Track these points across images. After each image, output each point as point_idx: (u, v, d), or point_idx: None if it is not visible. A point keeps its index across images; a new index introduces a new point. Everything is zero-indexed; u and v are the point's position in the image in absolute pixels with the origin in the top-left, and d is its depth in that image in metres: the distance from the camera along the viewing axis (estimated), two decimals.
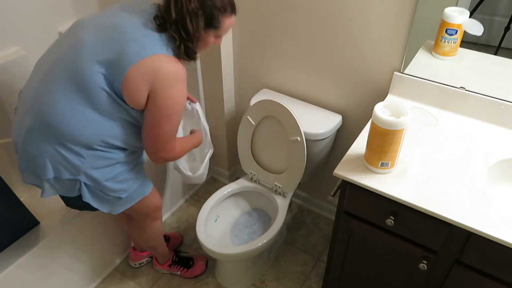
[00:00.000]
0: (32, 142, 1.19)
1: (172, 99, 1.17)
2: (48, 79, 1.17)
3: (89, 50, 1.13)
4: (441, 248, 1.15)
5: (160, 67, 1.12)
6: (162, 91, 1.14)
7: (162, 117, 1.19)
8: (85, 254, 1.72)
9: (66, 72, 1.15)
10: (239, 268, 1.80)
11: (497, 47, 1.34)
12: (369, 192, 1.16)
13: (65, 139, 1.17)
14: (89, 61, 1.12)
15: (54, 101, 1.15)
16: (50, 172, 1.20)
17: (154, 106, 1.16)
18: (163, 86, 1.14)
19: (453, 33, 1.33)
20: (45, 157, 1.18)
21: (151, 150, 1.27)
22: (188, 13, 1.12)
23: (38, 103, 1.18)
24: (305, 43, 1.63)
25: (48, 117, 1.16)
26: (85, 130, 1.17)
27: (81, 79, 1.13)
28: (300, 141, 1.58)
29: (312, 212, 2.19)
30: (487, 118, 1.36)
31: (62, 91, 1.15)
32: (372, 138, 1.13)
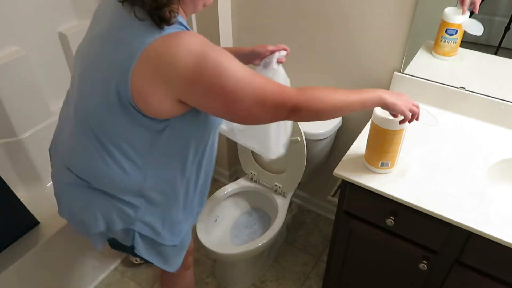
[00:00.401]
0: (79, 197, 1.05)
1: (219, 72, 0.84)
2: (75, 134, 1.01)
3: (88, 89, 0.94)
4: (441, 248, 1.15)
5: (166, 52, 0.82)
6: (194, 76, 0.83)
7: (225, 92, 0.85)
8: (85, 254, 1.72)
9: (86, 125, 0.97)
10: (239, 268, 1.80)
11: (497, 47, 1.34)
12: (369, 192, 1.16)
13: (114, 191, 1.02)
14: (94, 105, 0.93)
15: (90, 159, 0.99)
16: (101, 225, 1.05)
17: (205, 95, 0.86)
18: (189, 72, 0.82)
19: (453, 33, 1.33)
20: (95, 211, 1.04)
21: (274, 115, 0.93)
22: None
23: (76, 161, 1.03)
24: (305, 43, 1.63)
25: (90, 174, 1.01)
26: (131, 181, 0.99)
27: (102, 125, 0.94)
28: (300, 141, 1.58)
29: (312, 212, 2.19)
30: (487, 118, 1.36)
31: (87, 140, 0.97)
32: (372, 138, 1.13)
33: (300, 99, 0.92)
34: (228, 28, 1.78)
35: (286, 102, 0.91)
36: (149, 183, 1.02)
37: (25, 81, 1.72)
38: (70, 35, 1.89)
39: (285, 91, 0.92)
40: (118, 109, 0.89)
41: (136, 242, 1.09)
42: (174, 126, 0.95)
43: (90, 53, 0.94)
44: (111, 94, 0.88)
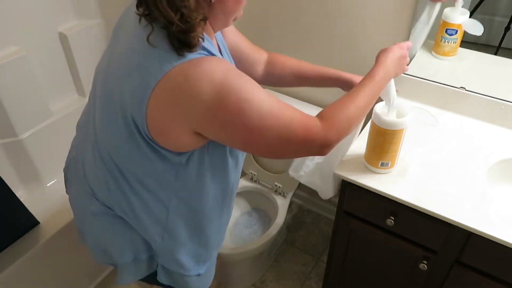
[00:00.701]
0: (104, 224, 1.02)
1: (241, 108, 0.77)
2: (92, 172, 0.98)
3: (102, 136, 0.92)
4: (441, 248, 1.15)
5: (185, 83, 0.74)
6: (214, 111, 0.76)
7: (246, 129, 0.79)
8: (85, 254, 1.71)
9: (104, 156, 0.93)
10: (239, 268, 1.81)
11: (497, 47, 1.34)
12: (369, 192, 1.16)
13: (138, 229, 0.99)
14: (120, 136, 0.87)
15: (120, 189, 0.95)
16: (128, 256, 1.03)
17: (224, 130, 0.80)
18: (209, 106, 0.75)
19: (453, 33, 1.33)
20: (121, 242, 1.01)
21: (300, 152, 0.90)
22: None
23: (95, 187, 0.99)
24: (305, 43, 1.63)
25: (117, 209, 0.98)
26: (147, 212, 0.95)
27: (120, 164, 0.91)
28: None
29: (312, 212, 2.19)
30: (487, 118, 1.36)
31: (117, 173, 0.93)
32: (372, 138, 1.13)
33: (328, 135, 0.87)
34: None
35: (314, 141, 0.86)
36: (172, 216, 0.97)
37: (25, 81, 1.73)
38: (70, 35, 1.89)
39: (312, 129, 0.85)
40: (139, 140, 0.83)
41: (159, 271, 1.06)
42: (195, 159, 0.89)
43: (109, 76, 0.87)
44: (131, 125, 0.82)
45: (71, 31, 1.90)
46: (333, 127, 0.88)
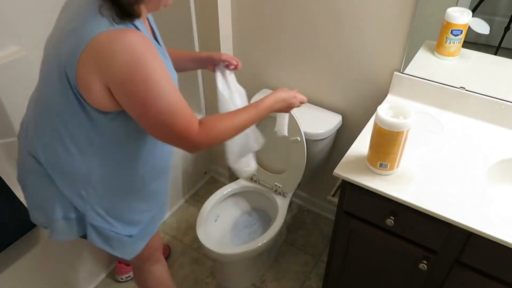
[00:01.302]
0: (37, 182, 1.09)
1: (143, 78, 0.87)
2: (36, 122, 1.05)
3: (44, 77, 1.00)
4: (441, 248, 1.15)
5: (104, 48, 0.84)
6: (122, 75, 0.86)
7: (151, 106, 0.89)
8: (85, 254, 1.72)
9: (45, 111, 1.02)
10: (239, 268, 1.80)
11: (497, 47, 1.34)
12: (369, 192, 1.16)
13: (68, 179, 1.05)
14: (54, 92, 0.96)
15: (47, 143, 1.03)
16: (59, 211, 1.09)
17: (125, 97, 0.89)
18: (121, 70, 0.85)
19: (459, 33, 1.33)
20: (53, 196, 1.08)
21: (172, 142, 1.00)
22: None
23: (36, 147, 1.06)
24: (305, 43, 1.63)
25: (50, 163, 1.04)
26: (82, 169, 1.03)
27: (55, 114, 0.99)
28: (300, 141, 1.59)
29: (312, 212, 2.19)
30: (487, 118, 1.36)
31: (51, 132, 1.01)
32: (373, 138, 1.13)
33: (200, 140, 0.98)
34: (228, 33, 1.78)
35: (186, 139, 0.97)
36: (98, 173, 1.04)
37: (25, 81, 1.72)
38: None
39: (190, 129, 0.96)
40: (72, 97, 0.93)
41: (88, 231, 1.11)
42: (121, 121, 0.98)
43: (51, 43, 0.97)
44: (64, 81, 0.91)
45: None
46: (206, 136, 0.99)
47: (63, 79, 0.91)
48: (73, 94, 0.92)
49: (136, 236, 1.18)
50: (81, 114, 0.95)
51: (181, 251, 2.00)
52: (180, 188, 2.19)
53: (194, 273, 1.91)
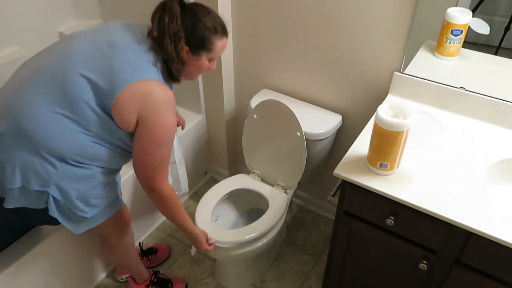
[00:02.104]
0: (3, 148, 1.12)
1: (162, 126, 1.15)
2: (28, 84, 1.12)
3: (77, 61, 1.10)
4: (441, 248, 1.15)
5: (151, 93, 1.10)
6: (151, 117, 1.12)
7: (151, 143, 1.16)
8: (85, 254, 1.72)
9: (50, 79, 1.11)
10: (239, 268, 1.81)
11: (497, 47, 1.34)
12: (369, 192, 1.16)
13: (39, 147, 1.11)
14: (76, 73, 1.09)
15: (31, 106, 1.10)
16: (18, 181, 1.13)
17: (143, 131, 1.14)
18: (153, 112, 1.11)
19: (459, 33, 1.33)
20: (15, 164, 1.11)
21: (140, 177, 1.24)
22: (168, 34, 1.11)
23: (13, 107, 1.11)
24: (305, 43, 1.63)
25: (23, 122, 1.10)
26: (61, 140, 1.11)
27: (68, 91, 1.09)
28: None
29: (312, 212, 2.19)
30: (487, 118, 1.36)
31: (42, 97, 1.10)
32: (373, 138, 1.13)
33: (156, 194, 1.27)
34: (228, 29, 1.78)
35: (149, 185, 1.24)
36: (78, 152, 1.14)
37: None
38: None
39: (159, 178, 1.24)
40: (95, 102, 1.10)
41: (49, 204, 1.17)
42: (125, 134, 1.18)
43: (96, 47, 1.13)
44: (98, 93, 1.10)
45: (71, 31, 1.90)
46: (160, 197, 1.28)
47: (98, 90, 1.09)
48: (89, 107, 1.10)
49: (89, 219, 1.28)
50: (97, 116, 1.12)
51: (181, 251, 2.00)
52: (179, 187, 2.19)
53: (194, 273, 1.91)
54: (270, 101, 1.63)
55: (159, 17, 1.11)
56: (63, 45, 1.16)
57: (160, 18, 1.11)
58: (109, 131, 1.15)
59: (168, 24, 1.10)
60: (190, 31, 1.13)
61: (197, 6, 1.17)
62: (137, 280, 1.74)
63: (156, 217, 2.11)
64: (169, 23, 1.10)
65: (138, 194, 1.84)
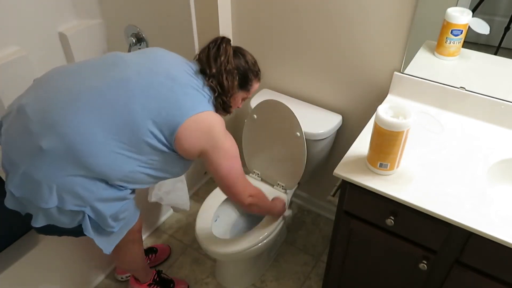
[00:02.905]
0: (42, 166, 1.08)
1: (230, 147, 1.24)
2: (83, 104, 1.10)
3: (140, 95, 1.11)
4: (441, 248, 1.15)
5: (212, 125, 1.18)
6: (217, 146, 1.20)
7: (226, 167, 1.25)
8: (85, 254, 1.72)
9: (111, 108, 1.10)
10: (239, 268, 1.81)
11: (497, 47, 1.34)
12: (369, 192, 1.16)
13: (86, 170, 1.10)
14: (140, 109, 1.11)
15: (87, 130, 1.08)
16: (54, 200, 1.10)
17: (214, 161, 1.22)
18: (217, 141, 1.19)
19: (459, 33, 1.33)
20: (53, 183, 1.08)
21: (236, 197, 1.36)
22: (225, 71, 1.22)
23: (64, 126, 1.07)
24: (305, 43, 1.63)
25: (75, 144, 1.07)
26: (112, 166, 1.12)
27: (129, 124, 1.10)
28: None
29: (312, 212, 2.19)
30: (487, 118, 1.36)
31: (101, 123, 1.09)
32: (373, 138, 1.13)
33: (246, 204, 1.39)
34: (228, 32, 1.78)
35: (239, 199, 1.37)
36: (124, 177, 1.16)
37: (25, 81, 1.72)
38: (70, 35, 1.89)
39: (249, 188, 1.39)
40: (158, 138, 1.14)
41: (84, 223, 1.18)
42: (178, 158, 1.23)
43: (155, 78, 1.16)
44: (160, 125, 1.13)
45: (71, 31, 1.90)
46: (250, 204, 1.40)
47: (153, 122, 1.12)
48: (158, 141, 1.15)
49: (116, 232, 1.29)
50: (156, 146, 1.15)
51: (181, 251, 2.00)
52: None
53: (194, 273, 1.91)
54: (270, 101, 1.63)
55: (214, 56, 1.22)
56: (115, 69, 1.16)
57: (216, 57, 1.22)
58: (164, 160, 1.20)
59: (223, 63, 1.22)
60: (238, 71, 1.27)
61: (241, 49, 1.33)
62: (141, 280, 1.74)
63: (157, 217, 2.11)
64: (225, 62, 1.22)
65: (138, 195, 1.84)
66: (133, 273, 1.74)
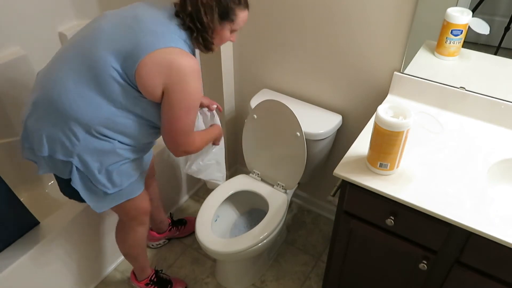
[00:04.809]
0: (33, 117, 1.21)
1: (189, 93, 1.18)
2: (61, 60, 1.21)
3: (105, 38, 1.16)
4: (441, 248, 1.15)
5: (175, 61, 1.13)
6: (178, 85, 1.16)
7: (180, 110, 1.20)
8: (85, 254, 1.72)
9: (78, 55, 1.18)
10: (239, 268, 1.81)
11: (497, 47, 1.34)
12: (369, 192, 1.16)
13: (66, 118, 1.17)
14: (103, 49, 1.15)
15: (61, 80, 1.17)
16: (46, 150, 1.20)
17: (171, 100, 1.18)
18: (179, 80, 1.15)
19: (459, 33, 1.33)
20: (42, 133, 1.20)
21: (172, 146, 1.29)
22: (202, 5, 1.16)
23: (46, 80, 1.20)
24: (305, 43, 1.63)
25: (52, 93, 1.17)
26: (87, 111, 1.17)
27: (93, 65, 1.15)
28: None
29: (312, 212, 2.19)
30: (487, 118, 1.36)
31: (71, 72, 1.17)
32: (373, 138, 1.13)
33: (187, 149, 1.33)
34: None
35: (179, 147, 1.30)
36: (103, 123, 1.19)
37: (25, 81, 1.73)
38: (70, 35, 1.89)
39: (191, 142, 1.31)
40: (120, 74, 1.14)
41: (73, 174, 1.23)
42: (150, 104, 1.22)
43: (121, 22, 1.19)
44: (122, 64, 1.14)
45: (71, 31, 1.90)
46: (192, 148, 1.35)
47: (121, 60, 1.14)
48: (116, 82, 1.15)
49: (112, 195, 1.32)
50: (123, 88, 1.16)
51: (181, 251, 2.00)
52: (180, 187, 2.19)
53: (194, 273, 1.91)
54: (270, 101, 1.63)
55: None
56: (93, 23, 1.23)
57: None
58: (133, 101, 1.19)
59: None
60: (217, 2, 1.18)
61: None
62: (138, 277, 1.75)
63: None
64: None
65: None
66: (132, 262, 1.73)
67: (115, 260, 1.91)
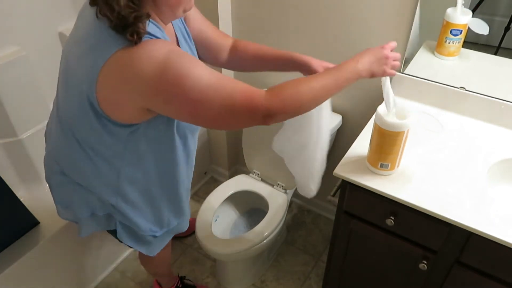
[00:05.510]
0: (64, 184, 1.13)
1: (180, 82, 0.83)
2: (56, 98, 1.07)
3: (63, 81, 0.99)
4: (441, 248, 1.15)
5: (130, 62, 0.82)
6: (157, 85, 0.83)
7: (191, 102, 0.86)
8: (85, 254, 1.72)
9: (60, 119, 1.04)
10: (239, 268, 1.81)
11: (497, 47, 1.34)
12: (369, 192, 1.16)
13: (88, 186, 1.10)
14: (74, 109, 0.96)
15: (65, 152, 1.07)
16: (86, 211, 1.15)
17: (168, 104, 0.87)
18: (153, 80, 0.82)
19: (458, 33, 1.33)
20: (78, 198, 1.13)
21: (242, 121, 0.93)
22: None
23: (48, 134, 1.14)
24: (305, 43, 1.63)
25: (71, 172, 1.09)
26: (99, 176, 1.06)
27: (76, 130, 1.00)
28: None
29: (312, 212, 2.19)
30: (487, 118, 1.36)
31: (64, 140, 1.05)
32: (373, 138, 1.13)
33: (272, 104, 0.90)
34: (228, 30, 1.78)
35: (257, 110, 0.89)
36: (124, 182, 1.06)
37: (25, 81, 1.72)
38: None
39: (254, 99, 0.89)
40: (91, 114, 0.91)
41: (118, 228, 1.17)
42: (144, 131, 0.97)
43: (71, 55, 0.95)
44: (84, 101, 0.90)
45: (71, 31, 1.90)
46: (278, 98, 0.91)
47: (83, 98, 0.90)
48: (93, 112, 0.91)
49: (160, 236, 1.25)
50: (99, 130, 0.94)
51: (181, 251, 2.00)
52: None
53: (194, 273, 1.91)
54: None
55: None
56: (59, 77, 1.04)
57: None
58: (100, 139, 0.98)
59: None
60: None
61: None
62: (164, 286, 1.72)
63: None
64: None
65: None
66: (156, 278, 1.71)
67: (115, 260, 1.91)
